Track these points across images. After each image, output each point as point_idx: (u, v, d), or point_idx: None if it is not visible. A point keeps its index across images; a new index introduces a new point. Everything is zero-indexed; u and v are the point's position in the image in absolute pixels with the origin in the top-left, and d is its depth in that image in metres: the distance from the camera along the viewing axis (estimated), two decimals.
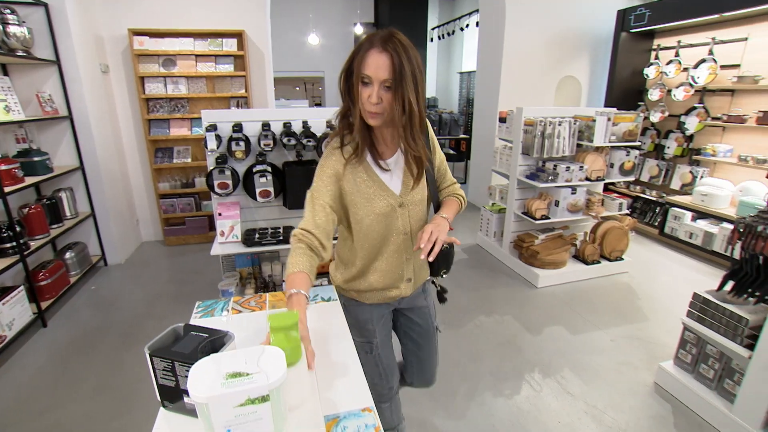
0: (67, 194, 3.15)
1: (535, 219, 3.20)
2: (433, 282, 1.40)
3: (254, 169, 2.47)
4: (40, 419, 1.93)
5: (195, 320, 1.12)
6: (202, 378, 0.62)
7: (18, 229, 2.51)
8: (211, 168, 2.47)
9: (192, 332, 0.81)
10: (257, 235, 2.64)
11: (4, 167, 2.48)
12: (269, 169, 2.47)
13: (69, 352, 2.43)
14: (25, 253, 2.55)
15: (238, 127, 2.49)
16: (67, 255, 3.09)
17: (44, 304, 2.70)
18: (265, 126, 2.53)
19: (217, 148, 2.46)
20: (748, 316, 1.74)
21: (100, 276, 3.39)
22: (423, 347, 1.44)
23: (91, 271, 3.35)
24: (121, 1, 3.49)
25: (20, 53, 2.77)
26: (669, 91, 4.20)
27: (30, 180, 2.70)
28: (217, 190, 2.49)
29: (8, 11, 2.70)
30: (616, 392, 2.09)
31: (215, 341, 0.80)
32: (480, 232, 4.08)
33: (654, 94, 4.38)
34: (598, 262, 3.35)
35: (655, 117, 4.35)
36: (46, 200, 2.93)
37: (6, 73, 2.90)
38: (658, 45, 4.47)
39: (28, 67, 2.98)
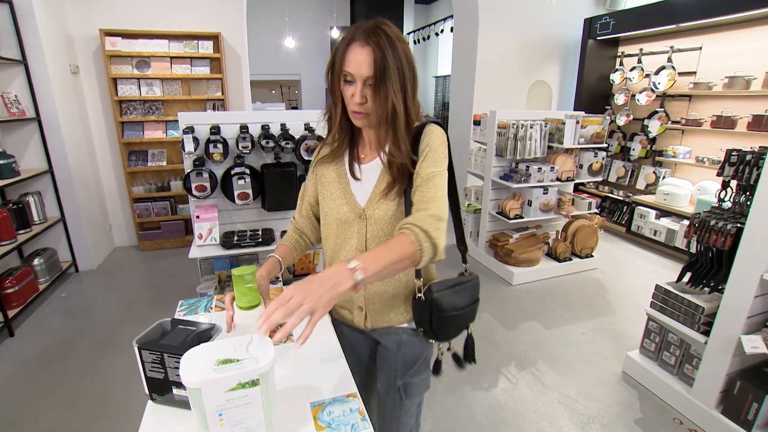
0: (35, 198, 3.04)
1: (509, 218, 3.31)
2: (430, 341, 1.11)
3: (232, 172, 2.47)
4: (16, 428, 1.87)
5: (178, 317, 1.13)
6: (194, 365, 0.64)
7: None
8: (189, 170, 2.45)
9: (179, 326, 0.83)
10: (236, 238, 2.63)
11: None
12: (248, 171, 2.47)
13: (40, 361, 2.35)
14: None
15: (215, 130, 2.48)
16: (36, 261, 2.99)
17: (11, 313, 2.60)
18: (243, 128, 2.53)
19: (195, 150, 2.44)
20: (704, 305, 1.86)
21: (71, 283, 3.28)
22: (379, 402, 1.16)
23: (62, 277, 3.24)
24: (93, 1, 3.42)
25: None
26: (633, 95, 4.42)
27: None
28: (194, 192, 2.47)
29: None
30: (587, 381, 2.20)
31: (202, 333, 0.82)
32: None
33: (619, 99, 4.59)
34: (570, 260, 3.49)
35: (621, 120, 4.57)
36: (12, 205, 2.83)
37: None
38: (623, 52, 4.70)
39: None
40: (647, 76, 4.27)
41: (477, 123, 3.70)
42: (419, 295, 1.00)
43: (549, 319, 2.81)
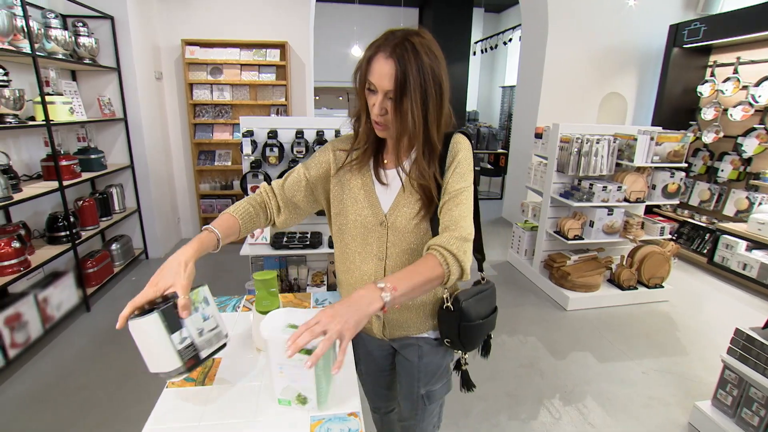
0: (118, 190, 3.40)
1: (568, 239, 3.08)
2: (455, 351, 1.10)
3: None
4: (74, 395, 2.08)
5: None
6: (272, 323, 0.79)
7: (72, 219, 2.74)
8: (246, 172, 2.59)
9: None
10: (285, 239, 2.73)
11: (64, 163, 2.72)
12: None
13: (107, 337, 2.60)
14: (77, 242, 2.77)
15: (272, 134, 2.60)
16: (113, 246, 3.33)
17: (89, 291, 2.92)
18: (299, 134, 2.62)
19: (252, 153, 2.58)
20: None
21: (141, 268, 3.61)
22: (401, 404, 1.19)
23: (133, 263, 3.58)
24: (177, 14, 3.77)
25: (87, 61, 3.05)
26: (725, 110, 3.93)
27: (86, 175, 2.95)
28: (250, 193, 2.59)
29: (81, 24, 2.99)
30: (643, 428, 1.96)
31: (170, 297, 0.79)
32: (511, 249, 3.97)
33: (708, 114, 4.11)
34: (635, 288, 3.16)
35: (709, 137, 4.08)
36: (98, 194, 3.19)
37: (74, 79, 3.21)
38: (715, 61, 4.21)
39: (93, 73, 3.27)
40: (744, 87, 3.77)
41: (539, 136, 3.51)
42: (447, 304, 0.99)
43: (604, 351, 2.56)
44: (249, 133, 2.57)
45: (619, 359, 2.49)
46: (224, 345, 0.84)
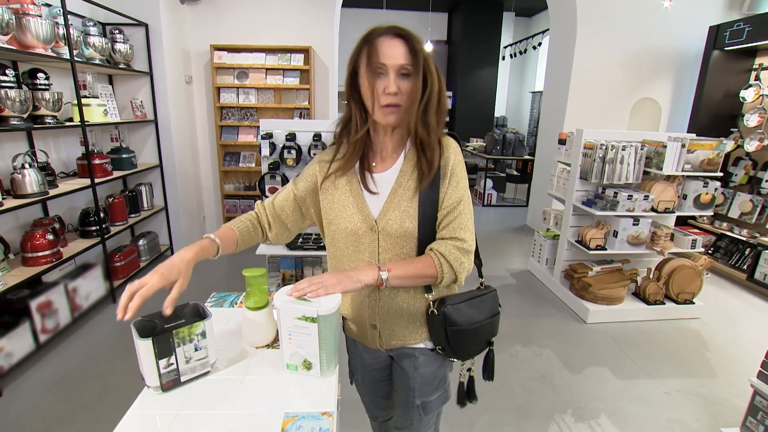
0: (146, 188, 3.57)
1: (590, 249, 2.96)
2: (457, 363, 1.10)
3: None
4: (96, 381, 2.19)
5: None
6: (284, 294, 0.88)
7: (102, 215, 2.90)
8: (264, 173, 2.65)
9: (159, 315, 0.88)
10: (300, 240, 2.77)
11: (97, 161, 2.89)
12: None
13: (129, 328, 2.71)
14: (106, 236, 2.92)
15: (291, 137, 2.65)
16: (140, 242, 3.48)
17: (116, 283, 3.07)
18: (316, 137, 2.66)
19: (271, 155, 2.64)
20: None
21: None
22: (397, 414, 1.18)
23: (159, 258, 3.73)
24: (207, 21, 3.93)
25: (122, 66, 3.23)
26: None
27: (117, 174, 3.11)
28: (267, 194, 2.66)
29: (117, 31, 3.18)
30: None
31: (190, 307, 0.92)
32: (532, 257, 3.86)
33: (751, 120, 3.85)
34: (663, 303, 3.00)
35: (752, 146, 3.82)
36: (128, 192, 3.35)
37: (110, 83, 3.40)
38: (760, 64, 3.94)
39: (127, 77, 3.46)
40: None
41: (562, 142, 3.40)
42: (432, 309, 0.98)
43: (624, 368, 2.43)
44: (268, 136, 2.63)
45: (640, 377, 2.36)
46: (207, 373, 0.90)
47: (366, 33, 0.90)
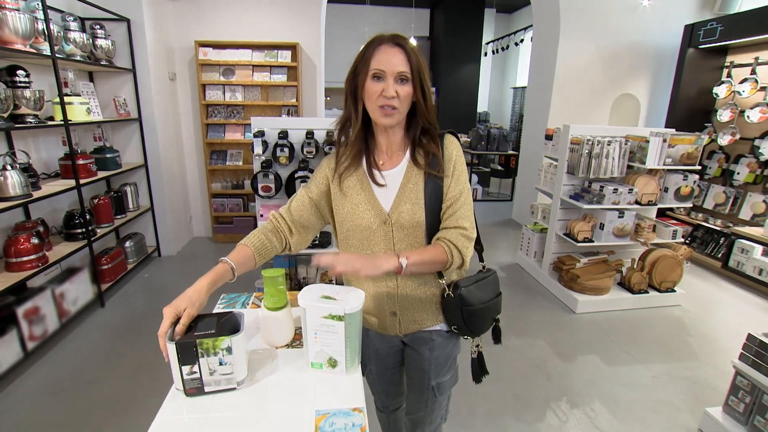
0: (132, 189, 3.47)
1: (577, 241, 3.06)
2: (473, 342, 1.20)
3: (296, 175, 2.59)
4: (88, 388, 2.13)
5: (218, 310, 1.21)
6: (308, 294, 0.90)
7: (88, 217, 2.81)
8: (257, 171, 2.62)
9: (200, 321, 0.88)
10: None
11: (81, 162, 2.79)
12: (310, 175, 2.57)
13: (120, 332, 2.67)
14: (92, 239, 2.83)
15: (283, 134, 2.63)
16: (127, 244, 3.40)
17: (104, 287, 2.99)
18: (309, 134, 2.65)
19: (263, 153, 2.61)
20: None
21: (154, 265, 3.68)
22: (410, 397, 1.25)
23: (146, 260, 3.65)
24: (191, 16, 3.84)
25: (104, 62, 3.12)
26: (742, 112, 3.85)
27: (102, 174, 3.02)
28: (260, 192, 2.64)
29: (98, 27, 3.06)
30: None
31: (230, 318, 0.90)
32: (520, 251, 3.95)
33: (724, 115, 4.04)
34: (646, 292, 3.13)
35: (724, 140, 4.00)
36: (113, 193, 3.26)
37: (92, 80, 3.29)
38: (731, 62, 4.13)
39: (109, 74, 3.35)
40: (762, 89, 3.70)
41: (549, 138, 3.49)
42: (448, 292, 1.06)
43: (613, 355, 2.54)
44: (260, 134, 2.61)
45: (629, 363, 2.46)
46: (233, 389, 0.88)
47: (369, 40, 0.98)
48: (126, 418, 1.95)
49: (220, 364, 0.85)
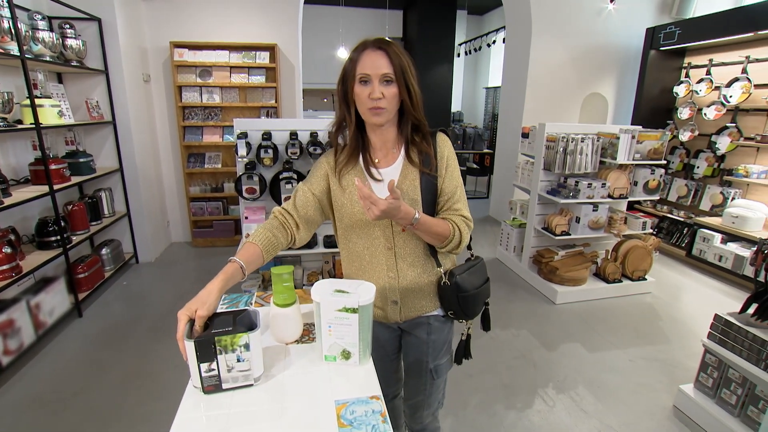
0: (107, 194, 3.36)
1: (555, 234, 3.19)
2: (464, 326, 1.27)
3: (281, 176, 2.58)
4: (71, 401, 2.06)
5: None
6: (320, 289, 0.93)
7: (62, 224, 2.70)
8: (241, 173, 2.60)
9: (216, 318, 0.89)
10: None
11: (54, 167, 2.68)
12: (295, 176, 2.58)
13: (101, 341, 2.58)
14: (68, 246, 2.73)
15: (267, 136, 2.62)
16: (104, 251, 3.28)
17: (81, 296, 2.88)
18: (293, 135, 2.65)
19: (247, 155, 2.59)
20: None
21: (132, 272, 3.57)
22: (409, 383, 1.31)
23: (124, 267, 3.54)
24: (165, 16, 3.75)
25: (74, 63, 3.01)
26: (699, 109, 4.12)
27: (75, 179, 2.91)
28: (245, 194, 2.62)
29: (67, 26, 2.95)
30: (632, 413, 2.06)
31: (245, 316, 0.91)
32: (500, 246, 4.07)
33: (684, 113, 4.30)
34: (620, 281, 3.30)
35: (685, 136, 4.27)
36: (88, 198, 3.14)
37: (61, 81, 3.16)
38: (689, 63, 4.41)
39: (80, 75, 3.23)
40: (717, 88, 3.97)
41: (525, 136, 3.62)
42: (444, 280, 1.14)
43: (593, 342, 2.67)
44: (243, 135, 2.58)
45: (608, 349, 2.59)
46: (251, 385, 0.89)
47: (355, 46, 1.03)
48: (120, 426, 1.90)
49: (238, 360, 0.86)
